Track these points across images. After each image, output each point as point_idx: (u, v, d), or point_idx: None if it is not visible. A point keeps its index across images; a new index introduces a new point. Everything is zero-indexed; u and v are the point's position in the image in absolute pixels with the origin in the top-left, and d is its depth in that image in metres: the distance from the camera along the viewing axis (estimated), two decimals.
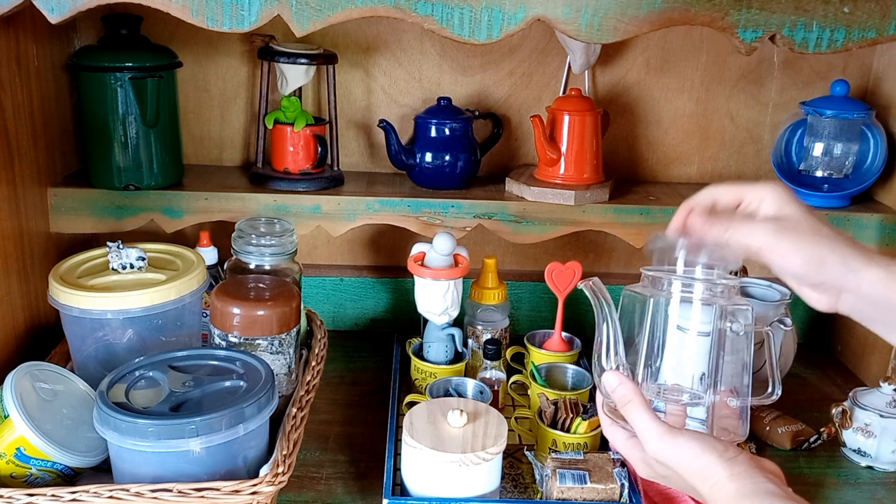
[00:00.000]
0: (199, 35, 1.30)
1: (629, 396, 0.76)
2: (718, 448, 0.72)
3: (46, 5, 0.89)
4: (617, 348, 0.80)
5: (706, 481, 0.71)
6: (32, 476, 0.86)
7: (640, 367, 0.81)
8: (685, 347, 0.84)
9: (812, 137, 1.28)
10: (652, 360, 0.82)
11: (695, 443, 0.72)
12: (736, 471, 0.70)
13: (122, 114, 1.19)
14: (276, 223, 1.16)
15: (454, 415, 0.92)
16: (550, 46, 1.34)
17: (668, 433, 0.73)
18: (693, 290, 0.81)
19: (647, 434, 0.74)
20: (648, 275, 0.83)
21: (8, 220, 1.08)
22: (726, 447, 0.72)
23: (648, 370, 0.82)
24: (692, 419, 0.82)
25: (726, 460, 0.71)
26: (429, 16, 0.92)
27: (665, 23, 0.92)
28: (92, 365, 0.98)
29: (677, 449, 0.72)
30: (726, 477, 0.70)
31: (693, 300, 0.81)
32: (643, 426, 0.74)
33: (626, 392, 0.76)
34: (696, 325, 0.83)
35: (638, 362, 0.81)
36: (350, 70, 1.35)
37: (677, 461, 0.72)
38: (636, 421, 0.75)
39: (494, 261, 1.25)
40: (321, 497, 0.99)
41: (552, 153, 1.26)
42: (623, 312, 0.84)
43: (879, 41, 0.94)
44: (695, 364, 0.84)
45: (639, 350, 0.82)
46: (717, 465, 0.70)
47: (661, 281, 0.82)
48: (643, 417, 0.74)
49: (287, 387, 1.02)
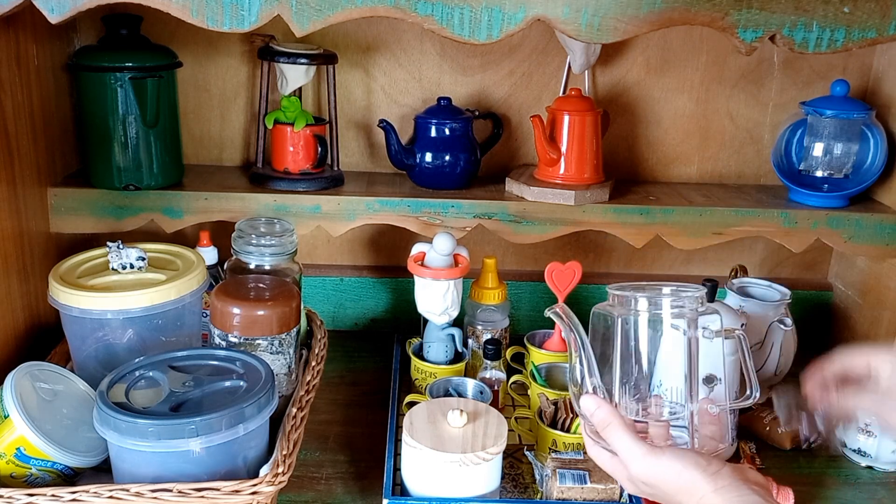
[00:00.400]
0: (199, 35, 1.30)
1: (608, 419, 0.77)
2: (702, 463, 0.72)
3: (46, 5, 0.89)
4: (592, 370, 0.81)
5: (692, 497, 0.72)
6: (32, 476, 0.86)
7: (617, 386, 0.82)
8: (660, 361, 0.85)
9: (812, 137, 1.28)
10: (627, 378, 0.83)
11: (677, 460, 0.73)
12: (720, 484, 0.71)
13: (122, 114, 1.19)
14: (276, 223, 1.16)
15: (454, 415, 0.92)
16: (550, 46, 1.34)
17: (650, 453, 0.74)
18: (661, 306, 0.82)
19: (629, 456, 0.75)
20: (615, 294, 0.83)
21: (8, 220, 1.08)
22: (709, 461, 0.73)
23: (625, 388, 0.82)
24: (676, 428, 0.83)
25: (710, 475, 0.71)
26: (429, 16, 0.92)
27: (665, 23, 0.92)
28: (92, 365, 0.98)
29: (660, 468, 0.73)
30: (711, 491, 0.70)
31: (662, 315, 0.82)
32: (624, 448, 0.75)
33: (605, 415, 0.77)
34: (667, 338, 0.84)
35: (613, 381, 0.82)
36: (350, 70, 1.35)
37: (662, 480, 0.73)
38: (617, 443, 0.76)
39: (494, 261, 1.25)
40: (321, 497, 0.99)
41: (552, 153, 1.26)
42: (594, 332, 0.84)
43: (879, 41, 0.94)
44: (671, 376, 0.84)
45: (613, 369, 0.82)
46: (701, 481, 0.71)
47: (629, 299, 0.82)
48: (623, 439, 0.75)
49: (287, 387, 1.02)
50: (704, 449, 0.84)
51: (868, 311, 1.35)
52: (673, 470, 0.73)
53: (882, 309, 1.30)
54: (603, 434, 0.78)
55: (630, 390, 0.83)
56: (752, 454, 1.10)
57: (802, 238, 1.27)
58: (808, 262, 1.48)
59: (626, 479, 0.78)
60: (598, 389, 0.80)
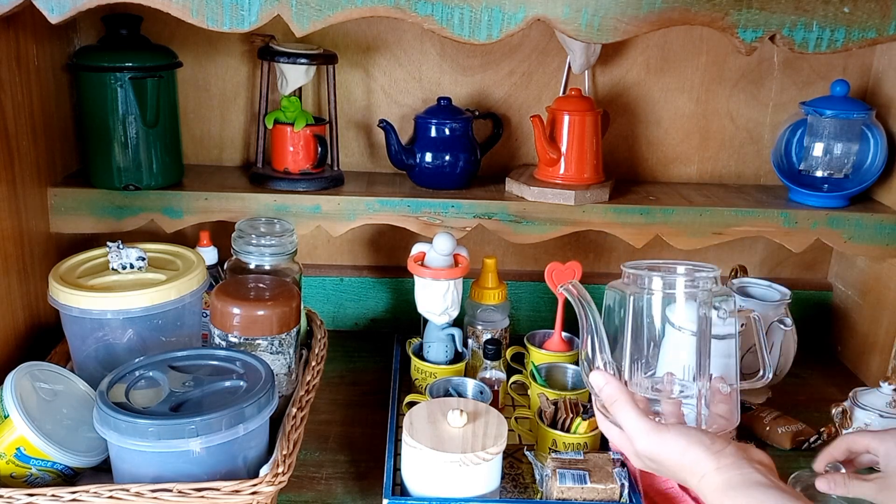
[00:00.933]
0: (199, 35, 1.30)
1: (615, 395, 0.78)
2: (705, 441, 0.74)
3: (46, 5, 0.89)
4: (602, 347, 0.82)
5: (695, 474, 0.73)
6: (32, 476, 0.86)
7: (627, 363, 0.83)
8: (671, 340, 0.85)
9: (812, 137, 1.28)
10: (639, 356, 0.83)
11: (682, 438, 0.74)
12: (723, 463, 0.72)
13: (122, 114, 1.19)
14: (276, 223, 1.16)
15: (454, 415, 0.92)
16: (550, 46, 1.34)
17: (655, 430, 0.75)
18: (675, 285, 0.83)
19: (635, 432, 0.76)
20: (629, 272, 0.84)
21: (8, 220, 1.08)
22: (713, 440, 0.74)
23: (636, 365, 0.83)
24: (687, 406, 0.84)
25: (713, 453, 0.72)
26: (429, 16, 0.92)
27: (665, 23, 0.92)
28: (92, 365, 0.98)
29: (665, 445, 0.75)
30: (714, 469, 0.71)
31: (676, 295, 0.83)
32: (630, 424, 0.77)
33: (613, 391, 0.79)
34: (680, 317, 0.84)
35: (624, 358, 0.83)
36: (350, 70, 1.35)
37: (666, 456, 0.75)
38: (624, 419, 0.77)
39: (494, 261, 1.25)
40: (321, 497, 0.99)
41: (552, 153, 1.26)
42: (606, 310, 0.85)
43: (879, 41, 0.94)
44: (683, 355, 0.85)
45: (624, 346, 0.83)
46: (704, 459, 0.72)
47: (642, 278, 0.83)
48: (630, 415, 0.77)
49: (287, 387, 1.02)
50: (714, 427, 0.85)
51: (868, 311, 1.35)
52: (677, 447, 0.74)
53: (882, 309, 1.30)
54: (610, 409, 0.79)
55: (641, 367, 0.84)
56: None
57: (802, 238, 1.27)
58: (808, 262, 1.48)
59: (633, 454, 0.79)
60: (608, 366, 0.81)
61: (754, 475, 0.70)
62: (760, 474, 0.70)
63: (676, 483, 0.96)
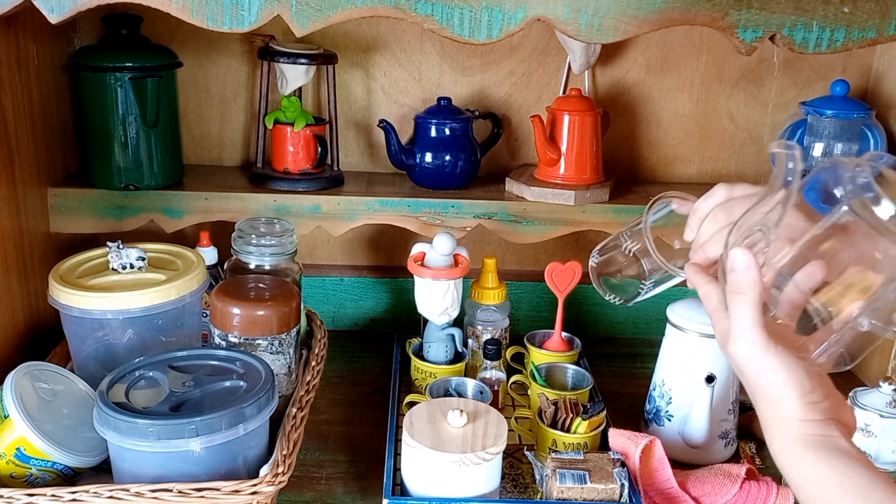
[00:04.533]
0: (199, 35, 1.30)
1: (748, 287, 0.66)
2: (805, 386, 0.65)
3: (46, 5, 0.89)
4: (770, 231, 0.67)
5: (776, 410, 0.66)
6: (32, 476, 0.86)
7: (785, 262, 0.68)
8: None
9: (812, 137, 1.28)
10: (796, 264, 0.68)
11: (782, 371, 0.65)
12: (810, 417, 0.65)
13: (122, 114, 1.19)
14: (276, 223, 1.16)
15: (454, 415, 0.92)
16: (550, 46, 1.34)
17: (762, 347, 0.66)
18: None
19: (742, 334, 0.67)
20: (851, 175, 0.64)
21: (8, 220, 1.08)
22: (814, 388, 0.65)
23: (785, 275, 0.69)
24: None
25: (806, 402, 0.65)
26: (429, 16, 0.92)
27: (665, 23, 0.92)
28: (92, 365, 0.98)
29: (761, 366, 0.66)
30: (797, 419, 0.65)
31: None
32: (743, 325, 0.67)
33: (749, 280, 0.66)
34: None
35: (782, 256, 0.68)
36: (350, 70, 1.35)
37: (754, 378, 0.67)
38: (740, 315, 0.67)
39: (494, 261, 1.25)
40: (321, 497, 0.99)
41: (552, 153, 1.26)
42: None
43: (879, 41, 0.94)
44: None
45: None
46: (793, 403, 0.65)
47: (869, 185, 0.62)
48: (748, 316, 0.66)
49: (287, 387, 1.02)
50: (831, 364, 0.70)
51: None
52: (775, 376, 0.65)
53: None
54: (732, 296, 0.68)
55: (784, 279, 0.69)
56: (752, 454, 1.10)
57: None
58: None
59: (723, 344, 0.70)
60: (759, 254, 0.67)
61: (840, 440, 0.64)
62: (847, 441, 0.64)
63: (676, 483, 0.96)
